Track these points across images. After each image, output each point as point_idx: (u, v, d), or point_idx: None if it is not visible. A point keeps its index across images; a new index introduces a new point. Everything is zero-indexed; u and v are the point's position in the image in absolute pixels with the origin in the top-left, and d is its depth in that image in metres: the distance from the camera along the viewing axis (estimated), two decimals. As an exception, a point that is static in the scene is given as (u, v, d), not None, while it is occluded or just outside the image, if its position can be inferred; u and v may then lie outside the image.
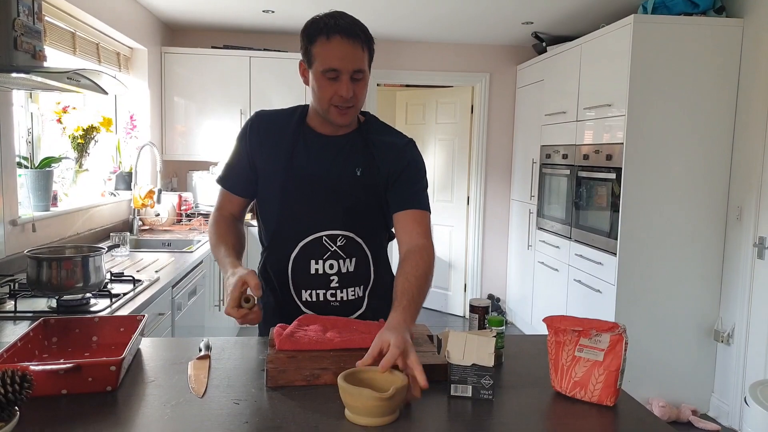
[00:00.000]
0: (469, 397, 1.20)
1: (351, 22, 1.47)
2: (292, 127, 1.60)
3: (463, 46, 5.32)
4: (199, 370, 1.30)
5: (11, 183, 2.60)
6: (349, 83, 1.47)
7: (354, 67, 1.46)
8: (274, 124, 1.62)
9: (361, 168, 1.59)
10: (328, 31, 1.44)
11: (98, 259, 2.04)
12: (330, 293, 1.61)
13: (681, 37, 3.39)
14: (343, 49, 1.44)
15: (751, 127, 3.32)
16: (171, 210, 4.26)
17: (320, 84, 1.48)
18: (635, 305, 3.48)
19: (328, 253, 1.59)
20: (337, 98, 1.48)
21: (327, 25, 1.45)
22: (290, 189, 1.57)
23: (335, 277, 1.60)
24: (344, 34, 1.44)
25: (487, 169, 5.48)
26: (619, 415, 1.17)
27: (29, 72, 2.03)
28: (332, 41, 1.44)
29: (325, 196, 1.57)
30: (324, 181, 1.57)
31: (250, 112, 4.66)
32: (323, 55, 1.45)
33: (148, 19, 4.35)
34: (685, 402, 3.55)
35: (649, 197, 3.45)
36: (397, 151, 1.62)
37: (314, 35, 1.46)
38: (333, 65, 1.45)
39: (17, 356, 1.24)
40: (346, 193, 1.58)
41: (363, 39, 1.47)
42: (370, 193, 1.60)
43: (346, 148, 1.60)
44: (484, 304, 1.49)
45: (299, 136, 1.59)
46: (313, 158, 1.58)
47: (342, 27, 1.44)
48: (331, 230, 1.58)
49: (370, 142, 1.61)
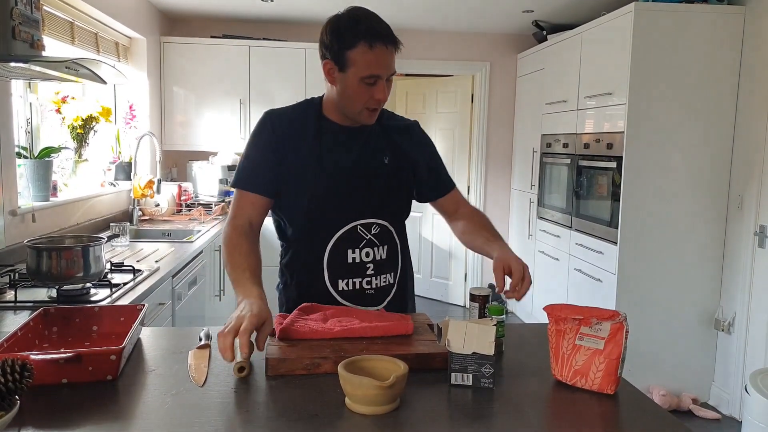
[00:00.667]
0: (469, 386, 1.20)
1: (387, 27, 1.48)
2: (312, 121, 1.60)
3: (463, 34, 5.30)
4: (200, 359, 1.30)
5: (11, 173, 2.60)
6: (385, 86, 1.49)
7: (391, 72, 1.49)
8: (292, 119, 1.60)
9: (388, 156, 1.63)
10: (371, 39, 1.43)
11: (98, 249, 2.04)
12: (366, 281, 1.61)
13: (682, 25, 3.37)
14: (386, 56, 1.46)
15: (752, 116, 3.31)
16: (171, 200, 4.26)
17: (356, 89, 1.48)
18: (636, 294, 3.48)
19: (363, 241, 1.60)
20: (373, 102, 1.50)
21: (368, 32, 1.44)
22: (323, 181, 1.56)
23: (371, 264, 1.61)
24: (385, 42, 1.45)
25: (488, 159, 5.47)
26: (619, 404, 1.17)
27: (27, 61, 2.02)
28: (375, 50, 1.44)
29: (358, 185, 1.58)
30: (356, 171, 1.59)
31: (250, 102, 4.66)
32: (365, 63, 1.45)
33: (147, 9, 4.33)
34: (686, 390, 3.56)
35: (649, 186, 3.44)
36: (412, 133, 1.74)
37: (353, 41, 1.44)
38: (376, 72, 1.46)
39: (17, 346, 1.24)
40: (377, 182, 1.61)
41: (397, 42, 1.49)
42: (399, 179, 1.65)
43: (371, 138, 1.63)
44: (485, 293, 1.49)
45: (322, 129, 1.59)
46: (343, 149, 1.59)
47: (382, 35, 1.45)
48: (365, 219, 1.60)
49: (386, 127, 1.66)
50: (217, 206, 4.43)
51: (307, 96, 1.69)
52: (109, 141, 4.03)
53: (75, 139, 3.38)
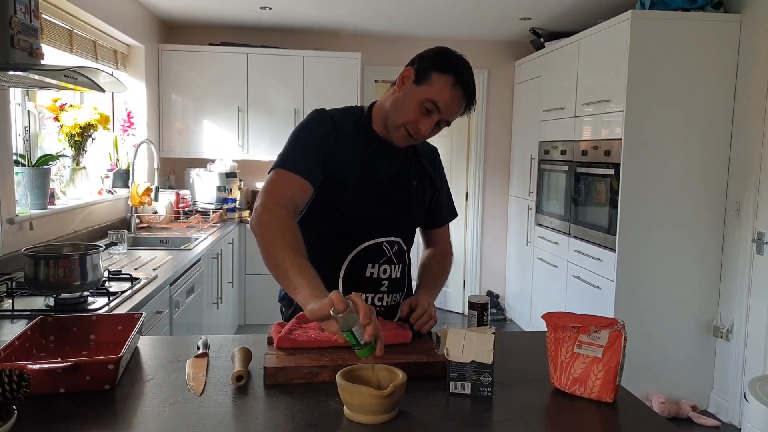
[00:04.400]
0: (468, 394, 1.19)
1: (474, 86, 1.52)
2: (362, 130, 1.59)
3: (460, 41, 5.31)
4: (198, 368, 1.29)
5: (8, 181, 2.59)
6: (433, 124, 1.51)
7: (448, 118, 1.51)
8: (345, 122, 1.58)
9: (417, 180, 1.65)
10: (459, 78, 1.47)
11: (96, 257, 2.03)
12: (378, 297, 1.60)
13: (679, 33, 3.38)
14: (456, 101, 1.49)
15: (749, 123, 3.32)
16: (169, 207, 4.26)
17: (414, 104, 1.49)
18: (634, 301, 3.48)
19: (384, 257, 1.59)
20: (413, 126, 1.50)
21: (461, 73, 1.48)
22: (363, 192, 1.55)
23: (386, 281, 1.60)
24: (465, 92, 1.49)
25: (486, 166, 5.48)
26: (618, 412, 1.17)
27: (26, 70, 2.03)
28: (454, 89, 1.47)
29: (387, 203, 1.59)
30: (392, 189, 1.60)
31: (248, 110, 4.67)
32: (437, 90, 1.47)
33: (146, 17, 4.34)
34: (685, 398, 3.55)
35: (647, 193, 3.44)
36: (435, 159, 1.77)
37: (445, 69, 1.48)
38: (439, 104, 1.47)
39: (15, 355, 1.23)
40: (404, 203, 1.62)
41: (471, 105, 1.53)
42: (421, 203, 1.68)
43: (407, 160, 1.65)
44: (483, 301, 1.49)
45: (370, 140, 1.59)
46: (385, 165, 1.59)
47: (468, 85, 1.49)
48: (391, 236, 1.61)
49: (417, 151, 1.69)
50: (215, 214, 4.42)
51: (305, 104, 1.69)
52: (106, 148, 4.03)
53: (73, 146, 3.38)
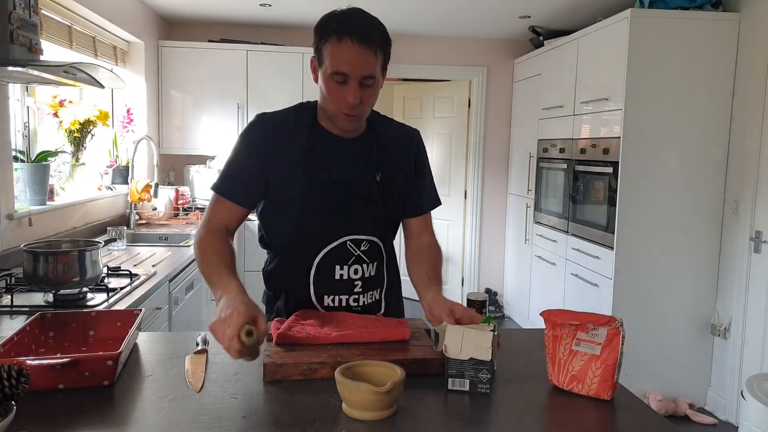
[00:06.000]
0: (466, 391, 1.20)
1: (366, 25, 1.39)
2: (304, 128, 1.52)
3: (460, 40, 5.31)
4: (196, 364, 1.29)
5: (7, 177, 2.59)
6: (357, 89, 1.40)
7: (363, 73, 1.39)
8: (283, 125, 1.53)
9: (381, 173, 1.56)
10: (340, 32, 1.36)
11: (95, 254, 2.03)
12: (353, 298, 1.57)
13: (678, 32, 3.39)
14: (353, 53, 1.36)
15: (747, 121, 3.32)
16: (168, 204, 4.25)
17: (328, 86, 1.42)
18: (632, 299, 3.49)
19: (353, 258, 1.55)
20: (344, 104, 1.42)
21: (340, 25, 1.37)
22: (313, 193, 1.50)
23: (359, 282, 1.57)
24: (356, 38, 1.36)
25: (485, 164, 5.48)
26: (616, 409, 1.17)
27: (26, 65, 2.02)
28: (343, 44, 1.36)
29: (349, 200, 1.53)
30: (347, 186, 1.52)
31: (248, 106, 4.66)
32: (332, 57, 1.38)
33: (145, 13, 4.33)
34: (682, 396, 3.56)
35: (646, 191, 3.45)
36: (409, 143, 1.67)
37: (326, 34, 1.39)
38: (341, 69, 1.38)
39: (14, 351, 1.23)
40: (369, 198, 1.55)
41: (378, 43, 1.39)
42: (389, 197, 1.59)
43: (364, 152, 1.56)
44: (482, 298, 1.49)
45: (315, 138, 1.52)
46: (334, 161, 1.52)
47: (355, 29, 1.36)
48: (356, 235, 1.55)
49: (382, 140, 1.59)
50: (214, 210, 4.42)
51: (304, 100, 1.65)
52: (106, 145, 4.03)
53: (72, 142, 3.38)
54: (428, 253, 1.63)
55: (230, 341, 1.12)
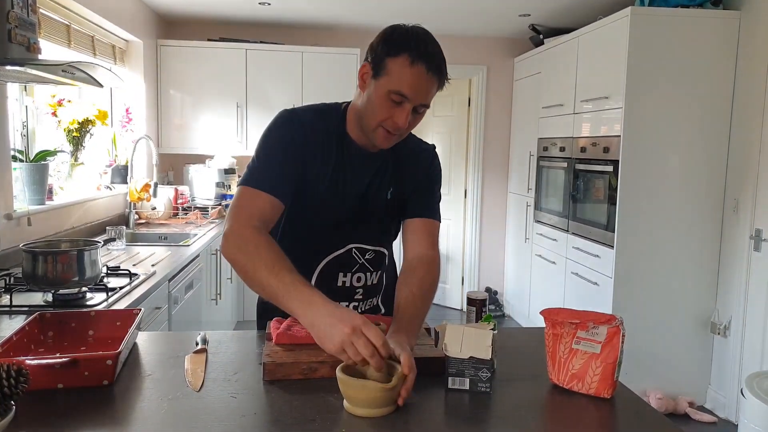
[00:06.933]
0: (466, 390, 1.19)
1: (437, 54, 1.35)
2: (335, 135, 1.48)
3: (460, 38, 5.31)
4: (196, 364, 1.29)
5: (6, 176, 2.59)
6: (409, 114, 1.36)
7: (422, 102, 1.36)
8: (317, 127, 1.47)
9: (392, 190, 1.54)
10: (416, 55, 1.32)
11: (94, 253, 2.03)
12: (352, 306, 1.57)
13: (678, 30, 3.38)
14: (422, 80, 1.33)
15: (747, 120, 3.32)
16: (167, 203, 4.25)
17: (380, 101, 1.36)
18: (632, 298, 3.49)
19: (356, 266, 1.54)
20: (390, 123, 1.37)
21: (417, 47, 1.32)
22: (330, 202, 1.48)
23: (360, 289, 1.57)
24: (430, 67, 1.32)
25: (485, 162, 5.48)
26: (616, 408, 1.17)
27: (24, 64, 2.02)
28: (415, 68, 1.31)
29: (361, 213, 1.51)
30: (362, 200, 1.51)
31: (247, 106, 4.65)
32: (398, 76, 1.33)
33: (144, 12, 4.32)
34: (682, 394, 3.56)
35: (646, 190, 3.45)
36: (423, 158, 1.61)
37: (398, 49, 1.33)
38: (404, 91, 1.33)
39: (13, 350, 1.23)
40: (379, 214, 1.55)
41: (443, 75, 1.37)
42: (397, 213, 1.58)
43: (381, 168, 1.53)
44: (482, 297, 1.49)
45: (343, 147, 1.48)
46: (356, 174, 1.49)
47: (430, 57, 1.33)
48: (362, 244, 1.54)
49: (399, 156, 1.55)
50: (213, 210, 4.42)
51: (304, 100, 1.63)
52: (105, 144, 4.03)
53: (71, 142, 3.37)
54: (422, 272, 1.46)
55: (376, 335, 1.08)
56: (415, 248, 1.53)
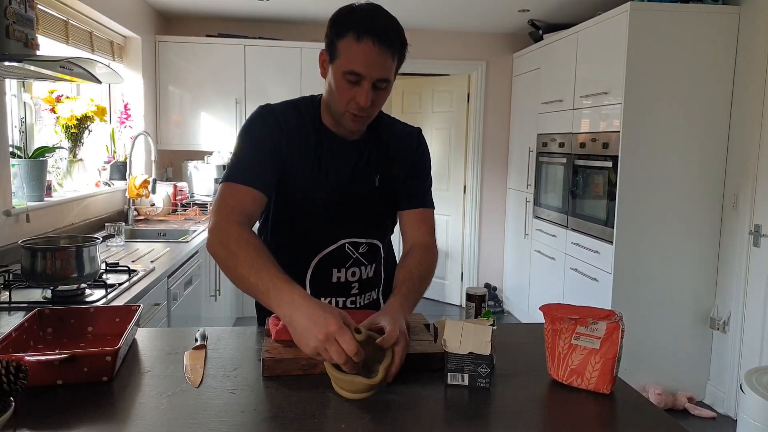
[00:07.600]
0: (465, 386, 1.19)
1: (386, 25, 1.33)
2: (311, 127, 1.47)
3: (459, 34, 5.30)
4: (195, 360, 1.29)
5: (4, 173, 2.59)
6: (370, 91, 1.34)
7: (379, 76, 1.33)
8: (292, 120, 1.46)
9: (379, 175, 1.53)
10: (360, 30, 1.29)
11: (93, 250, 2.03)
12: (350, 300, 1.56)
13: (678, 25, 3.38)
14: (372, 54, 1.30)
15: (747, 115, 3.32)
16: (166, 200, 4.25)
17: (338, 84, 1.35)
18: (632, 293, 3.49)
19: (350, 261, 1.53)
20: (353, 105, 1.36)
21: (360, 23, 1.30)
22: (316, 196, 1.47)
23: (356, 284, 1.55)
24: (376, 39, 1.29)
25: (484, 158, 5.47)
26: (615, 403, 1.17)
27: (21, 60, 2.02)
28: (361, 43, 1.30)
29: (350, 205, 1.50)
30: (348, 190, 1.49)
31: (245, 101, 4.64)
32: (348, 55, 1.31)
33: (142, 7, 4.31)
34: (681, 389, 3.57)
35: (645, 185, 3.45)
36: (409, 142, 1.61)
37: (344, 30, 1.32)
38: (356, 69, 1.31)
39: (12, 347, 1.23)
40: (368, 203, 1.53)
41: (396, 45, 1.33)
42: (388, 200, 1.57)
43: (365, 155, 1.52)
44: (481, 293, 1.49)
45: (320, 138, 1.47)
46: (339, 165, 1.48)
47: (376, 29, 1.30)
48: (354, 238, 1.52)
49: (383, 142, 1.55)
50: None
51: (302, 95, 1.61)
52: (103, 140, 4.02)
53: (69, 138, 3.37)
54: (419, 255, 1.49)
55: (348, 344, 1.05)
56: (413, 237, 1.56)
